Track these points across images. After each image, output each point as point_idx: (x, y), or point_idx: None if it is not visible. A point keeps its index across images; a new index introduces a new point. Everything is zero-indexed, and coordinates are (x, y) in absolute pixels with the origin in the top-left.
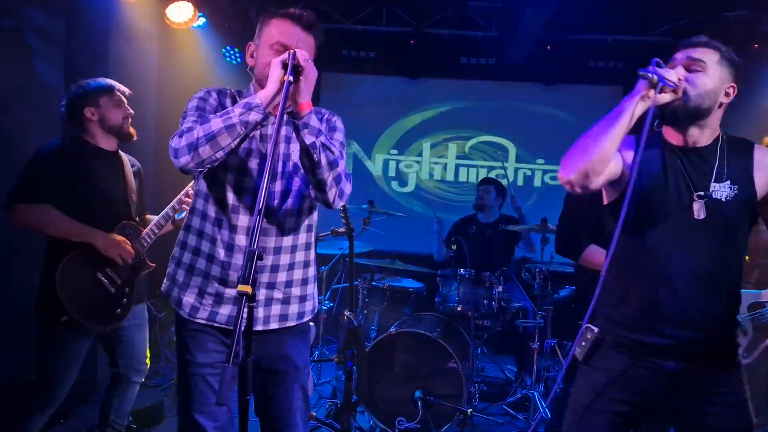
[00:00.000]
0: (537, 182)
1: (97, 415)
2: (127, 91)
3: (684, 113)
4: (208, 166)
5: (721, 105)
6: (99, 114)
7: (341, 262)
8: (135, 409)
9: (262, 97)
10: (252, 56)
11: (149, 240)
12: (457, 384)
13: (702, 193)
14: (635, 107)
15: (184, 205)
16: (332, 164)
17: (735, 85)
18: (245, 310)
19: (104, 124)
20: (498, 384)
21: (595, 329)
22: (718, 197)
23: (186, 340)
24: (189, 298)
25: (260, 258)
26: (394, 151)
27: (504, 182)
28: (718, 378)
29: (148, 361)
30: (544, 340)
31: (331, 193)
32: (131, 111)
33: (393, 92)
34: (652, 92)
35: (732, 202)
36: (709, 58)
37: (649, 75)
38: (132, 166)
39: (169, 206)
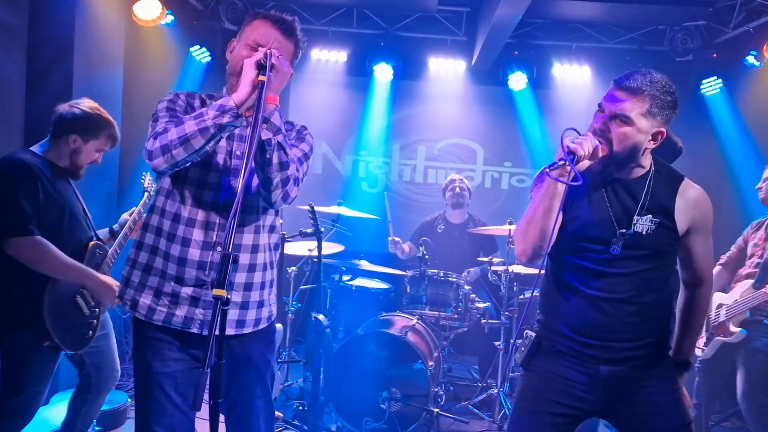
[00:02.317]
0: (504, 185)
1: (62, 421)
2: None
3: (612, 162)
4: (182, 166)
5: (645, 150)
6: (79, 147)
7: (309, 263)
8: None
9: (236, 99)
10: (231, 52)
11: (113, 261)
12: (424, 384)
13: (623, 230)
14: (558, 189)
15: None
16: (282, 165)
17: (663, 130)
18: (219, 314)
19: (74, 157)
20: (464, 384)
21: (533, 334)
22: (640, 230)
23: (142, 348)
24: (145, 300)
25: (235, 261)
26: (364, 152)
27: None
28: (649, 379)
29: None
30: (509, 341)
31: (275, 194)
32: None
33: (363, 94)
34: (566, 174)
35: (653, 235)
36: (636, 109)
37: (560, 164)
38: None
39: (126, 226)
